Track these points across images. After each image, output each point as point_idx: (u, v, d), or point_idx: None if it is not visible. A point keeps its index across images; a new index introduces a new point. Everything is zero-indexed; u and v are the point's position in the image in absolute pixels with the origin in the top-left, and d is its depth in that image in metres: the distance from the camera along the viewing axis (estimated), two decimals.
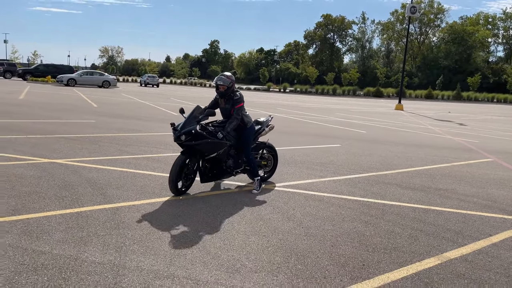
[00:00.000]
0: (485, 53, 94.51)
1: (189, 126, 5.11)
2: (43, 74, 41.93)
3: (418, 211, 5.26)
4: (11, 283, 2.93)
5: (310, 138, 11.61)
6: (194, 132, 5.08)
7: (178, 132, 5.11)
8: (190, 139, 5.08)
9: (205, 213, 4.74)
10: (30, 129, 9.94)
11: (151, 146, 8.77)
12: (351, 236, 4.28)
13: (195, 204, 5.05)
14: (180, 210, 4.78)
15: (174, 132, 5.16)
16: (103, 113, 15.29)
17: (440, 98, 59.38)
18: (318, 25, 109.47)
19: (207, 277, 3.20)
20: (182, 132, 5.08)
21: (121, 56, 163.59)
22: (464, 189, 6.59)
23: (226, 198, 5.38)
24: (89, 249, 3.57)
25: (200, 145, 5.13)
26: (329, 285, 3.20)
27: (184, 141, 5.10)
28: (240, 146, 5.76)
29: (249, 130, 5.76)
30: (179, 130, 5.12)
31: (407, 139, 12.71)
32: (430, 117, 23.93)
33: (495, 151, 10.99)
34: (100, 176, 6.01)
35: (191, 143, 5.10)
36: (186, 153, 5.22)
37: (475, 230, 4.68)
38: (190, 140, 5.08)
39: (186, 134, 5.08)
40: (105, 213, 4.51)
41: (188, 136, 5.07)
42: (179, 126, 5.17)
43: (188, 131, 5.08)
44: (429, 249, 4.04)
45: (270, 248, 3.84)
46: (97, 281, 3.03)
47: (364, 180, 6.83)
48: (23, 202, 4.68)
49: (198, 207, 4.95)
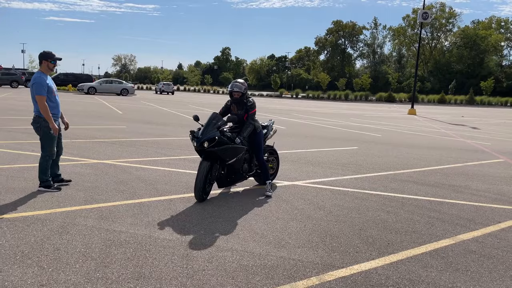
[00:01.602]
0: (498, 57, 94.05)
1: (211, 133, 5.24)
2: (64, 82, 43.36)
3: (433, 203, 5.88)
4: (105, 254, 3.65)
5: (328, 141, 12.26)
6: (217, 138, 5.22)
7: (200, 139, 5.19)
8: (213, 145, 5.21)
9: (244, 203, 5.43)
10: (71, 135, 10.77)
11: (183, 149, 9.52)
12: (376, 222, 4.93)
13: (233, 197, 5.74)
14: (223, 202, 5.48)
15: (196, 140, 5.24)
16: (130, 119, 16.14)
17: (453, 103, 59.42)
18: (329, 31, 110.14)
19: (259, 251, 3.89)
20: (205, 138, 5.18)
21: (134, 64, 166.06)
22: (476, 185, 7.17)
23: (256, 193, 6.04)
24: (158, 230, 4.29)
25: (222, 151, 5.28)
26: (361, 258, 3.85)
27: (207, 148, 5.20)
28: (252, 151, 5.98)
29: (260, 134, 5.95)
30: (200, 137, 5.21)
31: (421, 142, 13.28)
32: (443, 121, 24.37)
33: (506, 152, 11.51)
34: (147, 174, 6.75)
35: (214, 149, 5.22)
36: (208, 159, 5.34)
37: (485, 218, 5.28)
38: (213, 146, 5.21)
39: (209, 141, 5.19)
40: (161, 203, 5.23)
41: (211, 142, 5.19)
42: (200, 133, 5.28)
43: (211, 138, 5.21)
44: (444, 232, 4.67)
45: (307, 231, 4.51)
46: (172, 252, 3.74)
47: (383, 177, 7.46)
48: (90, 195, 5.43)
49: (236, 199, 5.65)
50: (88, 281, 3.14)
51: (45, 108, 5.27)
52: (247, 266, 3.55)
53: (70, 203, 5.03)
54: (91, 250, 3.70)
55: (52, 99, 5.44)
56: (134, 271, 3.34)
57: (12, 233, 4.02)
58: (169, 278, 3.25)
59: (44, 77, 5.35)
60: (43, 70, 5.43)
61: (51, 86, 5.41)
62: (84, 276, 3.22)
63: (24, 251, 3.61)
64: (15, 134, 10.51)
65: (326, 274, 3.47)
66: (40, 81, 5.27)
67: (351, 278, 3.42)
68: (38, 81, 5.27)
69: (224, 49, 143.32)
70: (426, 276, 3.51)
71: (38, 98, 5.26)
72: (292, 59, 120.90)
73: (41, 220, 4.41)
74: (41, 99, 5.25)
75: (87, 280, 3.16)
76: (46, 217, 4.51)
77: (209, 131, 5.27)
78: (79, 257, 3.55)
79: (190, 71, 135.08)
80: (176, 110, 23.43)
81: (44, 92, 5.27)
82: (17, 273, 3.21)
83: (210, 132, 5.25)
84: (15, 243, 3.78)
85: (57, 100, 5.55)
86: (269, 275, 3.39)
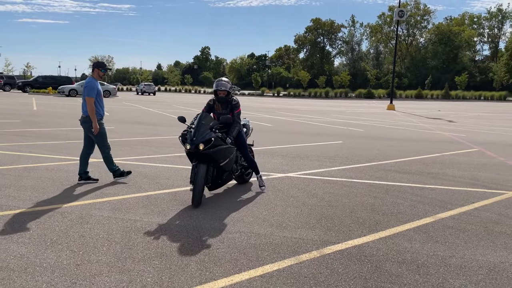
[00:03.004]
0: (472, 52, 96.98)
1: (205, 134, 5.08)
2: (42, 85, 42.87)
3: (415, 189, 6.45)
4: (127, 238, 4.05)
5: (314, 137, 12.80)
6: (214, 140, 5.09)
7: (195, 141, 5.00)
8: (209, 147, 5.05)
9: (242, 194, 5.88)
10: (64, 136, 11.01)
11: (177, 147, 9.88)
12: (364, 205, 5.45)
13: (234, 189, 6.19)
14: (223, 194, 5.92)
15: (191, 143, 5.03)
16: (118, 120, 16.37)
17: (430, 98, 61.12)
18: (308, 29, 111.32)
19: (264, 232, 4.35)
20: (201, 140, 5.00)
21: (112, 65, 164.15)
22: (452, 172, 7.80)
23: (248, 186, 6.50)
24: (170, 217, 4.71)
25: (216, 152, 5.14)
26: (354, 235, 4.35)
27: (203, 150, 5.02)
28: (238, 150, 5.87)
29: (242, 133, 5.93)
30: (195, 140, 5.01)
31: (401, 135, 13.97)
32: (421, 115, 25.29)
33: (480, 143, 12.26)
34: (147, 170, 7.13)
35: (209, 151, 5.06)
36: (201, 162, 5.15)
37: (461, 199, 5.87)
38: (208, 148, 5.04)
39: (204, 143, 5.02)
40: (167, 195, 5.64)
41: (207, 144, 5.02)
42: (193, 135, 5.07)
43: (207, 139, 5.05)
44: (425, 212, 5.22)
45: (304, 215, 5.00)
46: (187, 236, 4.17)
47: (368, 168, 8.02)
48: (100, 189, 5.81)
49: (236, 190, 6.09)
50: (118, 260, 3.54)
51: (92, 109, 6.00)
52: (255, 244, 4.01)
53: (82, 198, 5.39)
54: (113, 236, 4.10)
55: (101, 102, 6.21)
56: (156, 251, 3.76)
57: (36, 224, 4.38)
58: (189, 256, 3.68)
59: (95, 82, 6.12)
60: (94, 76, 6.19)
61: (100, 90, 6.17)
62: (113, 256, 3.62)
63: (52, 238, 3.98)
64: (8, 136, 10.68)
65: (325, 248, 3.96)
66: (91, 85, 6.03)
67: (347, 251, 3.91)
68: (89, 85, 6.03)
69: (204, 49, 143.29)
70: (411, 247, 4.04)
71: (87, 99, 5.99)
72: (272, 57, 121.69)
73: (59, 213, 4.77)
74: (90, 100, 5.99)
75: (116, 259, 3.56)
76: (63, 210, 4.87)
77: (202, 132, 5.09)
78: (104, 242, 3.95)
79: (169, 71, 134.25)
80: (162, 110, 23.67)
81: (93, 94, 6.01)
82: (52, 256, 3.59)
83: (204, 133, 5.09)
84: (42, 232, 4.15)
85: (103, 103, 6.30)
86: (275, 251, 3.86)
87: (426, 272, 3.50)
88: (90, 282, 3.14)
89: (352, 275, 3.41)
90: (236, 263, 3.57)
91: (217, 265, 3.52)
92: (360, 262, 3.67)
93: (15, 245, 3.80)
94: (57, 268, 3.36)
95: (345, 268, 3.54)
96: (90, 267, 3.39)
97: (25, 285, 3.07)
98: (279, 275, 3.38)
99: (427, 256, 3.83)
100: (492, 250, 4.03)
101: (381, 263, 3.67)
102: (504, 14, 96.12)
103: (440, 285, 3.28)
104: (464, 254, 3.91)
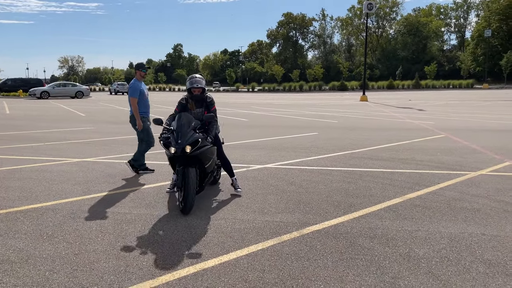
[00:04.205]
0: (440, 42, 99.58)
1: (190, 135, 4.84)
2: (12, 88, 41.96)
3: (386, 173, 6.90)
4: (119, 229, 4.31)
5: (290, 130, 13.20)
6: (201, 140, 4.89)
7: (181, 144, 4.73)
8: (196, 149, 4.83)
9: (223, 186, 6.18)
10: (42, 138, 11.03)
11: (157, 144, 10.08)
12: (339, 190, 5.84)
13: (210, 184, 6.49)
14: (208, 187, 6.21)
15: (177, 146, 4.75)
16: (96, 120, 16.37)
17: (401, 88, 62.66)
18: (280, 24, 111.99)
19: (247, 217, 4.68)
20: (187, 143, 4.76)
21: (82, 66, 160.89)
22: (420, 157, 8.31)
23: (237, 178, 6.82)
24: (157, 209, 4.98)
25: (203, 153, 4.92)
26: (330, 216, 4.73)
27: (190, 152, 4.77)
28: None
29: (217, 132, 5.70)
30: (181, 142, 4.74)
31: (374, 125, 14.53)
32: (392, 105, 26.09)
33: (447, 129, 12.92)
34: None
35: (196, 152, 4.83)
36: (188, 166, 4.84)
37: (428, 181, 6.35)
38: (195, 150, 4.83)
39: (191, 145, 4.79)
40: (153, 189, 5.90)
41: (193, 146, 4.81)
42: (178, 137, 4.80)
43: (194, 141, 4.83)
44: (395, 193, 5.66)
45: (284, 201, 5.35)
46: (176, 224, 4.46)
47: (342, 156, 8.45)
48: (86, 187, 6.00)
49: (219, 182, 6.40)
50: (113, 249, 3.81)
51: (135, 108, 6.61)
52: (240, 228, 4.34)
53: (71, 196, 5.59)
54: (106, 228, 4.35)
55: (145, 101, 6.79)
56: (149, 239, 4.04)
57: (30, 220, 4.58)
58: (179, 242, 3.98)
59: (138, 83, 6.70)
60: (137, 78, 6.77)
61: (142, 90, 6.73)
62: (108, 245, 3.88)
63: (48, 233, 4.21)
64: None
65: (304, 229, 4.32)
66: (134, 86, 6.64)
67: (323, 230, 4.29)
68: (132, 86, 6.67)
69: (176, 46, 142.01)
70: (381, 224, 4.45)
71: (131, 99, 6.60)
72: (245, 53, 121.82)
73: (51, 209, 4.97)
74: (133, 100, 6.59)
75: (112, 247, 3.83)
76: (54, 207, 5.08)
77: (185, 133, 4.83)
78: (98, 233, 4.20)
79: None
80: None
81: (136, 95, 6.60)
82: (50, 248, 3.82)
83: (188, 135, 4.84)
84: (36, 227, 4.36)
85: (147, 103, 6.85)
86: (259, 233, 4.20)
87: (394, 244, 3.90)
88: (90, 268, 3.40)
89: (329, 250, 3.78)
90: (223, 246, 3.89)
91: (206, 248, 3.84)
92: (336, 239, 4.04)
93: (12, 241, 4.01)
94: (56, 258, 3.60)
95: (323, 244, 3.91)
96: (88, 256, 3.65)
97: (28, 274, 3.31)
98: (263, 253, 3.72)
99: (396, 231, 4.25)
100: (454, 223, 4.48)
101: (355, 239, 4.05)
102: (469, 4, 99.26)
103: (406, 254, 3.68)
104: (429, 228, 4.34)
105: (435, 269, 3.40)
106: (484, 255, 3.66)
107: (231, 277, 3.28)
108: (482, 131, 12.36)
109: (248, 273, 3.34)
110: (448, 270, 3.39)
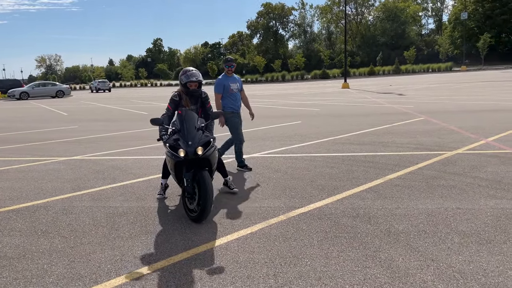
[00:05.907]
0: (418, 27, 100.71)
1: (198, 136, 4.44)
2: None
3: (368, 157, 7.15)
4: (112, 222, 4.44)
5: (274, 119, 13.39)
6: (212, 141, 4.58)
7: (192, 146, 4.30)
8: (207, 150, 4.45)
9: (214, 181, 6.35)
10: (27, 139, 10.99)
11: (143, 139, 10.18)
12: (323, 175, 6.06)
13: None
14: None
15: (189, 148, 4.29)
16: (79, 119, 16.29)
17: (382, 74, 63.41)
18: (259, 14, 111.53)
19: (235, 204, 4.86)
20: (199, 144, 4.36)
21: (61, 64, 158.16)
22: (400, 140, 8.59)
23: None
24: (148, 202, 5.12)
25: (212, 155, 4.56)
26: (315, 199, 4.94)
27: (202, 154, 4.37)
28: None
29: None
30: (191, 144, 4.31)
31: (356, 111, 14.82)
32: (373, 91, 26.48)
33: (426, 112, 13.28)
34: (119, 163, 7.44)
35: (207, 154, 4.44)
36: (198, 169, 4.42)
37: (407, 162, 6.61)
38: (207, 151, 4.44)
39: (204, 146, 4.43)
40: (142, 183, 6.02)
41: (205, 147, 4.45)
42: (187, 139, 4.36)
43: (206, 141, 4.49)
44: (376, 175, 5.90)
45: (270, 187, 5.54)
46: (167, 215, 4.61)
47: (325, 143, 8.67)
48: (77, 184, 6.09)
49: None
50: (108, 240, 3.95)
51: (218, 103, 6.48)
52: (229, 214, 4.52)
53: (61, 193, 5.68)
54: (99, 221, 4.48)
55: (231, 96, 6.50)
56: (141, 230, 4.19)
57: (23, 218, 4.68)
58: (172, 230, 4.14)
59: (223, 79, 6.49)
60: (226, 73, 6.57)
61: (227, 85, 6.44)
62: (102, 237, 4.02)
63: (42, 229, 4.32)
64: None
65: (290, 212, 4.52)
66: (218, 82, 6.48)
67: (309, 213, 4.49)
68: (216, 82, 6.51)
69: (156, 40, 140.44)
70: (364, 204, 4.68)
71: (215, 95, 6.45)
72: (226, 45, 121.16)
73: (43, 207, 5.07)
74: (216, 96, 6.46)
75: (106, 239, 3.97)
76: (46, 204, 5.17)
77: (195, 134, 4.43)
78: (91, 227, 4.33)
79: (122, 66, 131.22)
80: (120, 106, 23.52)
81: (219, 91, 6.44)
82: (46, 243, 3.95)
83: (196, 135, 4.43)
84: (30, 224, 4.46)
85: (235, 97, 6.56)
86: (247, 218, 4.38)
87: (376, 222, 4.13)
88: (87, 259, 3.54)
89: (314, 230, 3.99)
90: (214, 231, 4.07)
91: (197, 235, 4.01)
92: (321, 220, 4.26)
93: (7, 238, 4.11)
94: (53, 251, 3.73)
95: (308, 225, 4.12)
96: (84, 248, 3.79)
97: (27, 268, 3.43)
98: (252, 236, 3.90)
99: (377, 210, 4.48)
100: (431, 200, 4.73)
101: (338, 218, 4.27)
102: None
103: (387, 230, 3.91)
104: (408, 205, 4.59)
105: (413, 241, 3.64)
106: (459, 227, 3.92)
107: (223, 259, 3.46)
108: (459, 113, 12.75)
109: (239, 255, 3.53)
110: (425, 242, 3.63)
